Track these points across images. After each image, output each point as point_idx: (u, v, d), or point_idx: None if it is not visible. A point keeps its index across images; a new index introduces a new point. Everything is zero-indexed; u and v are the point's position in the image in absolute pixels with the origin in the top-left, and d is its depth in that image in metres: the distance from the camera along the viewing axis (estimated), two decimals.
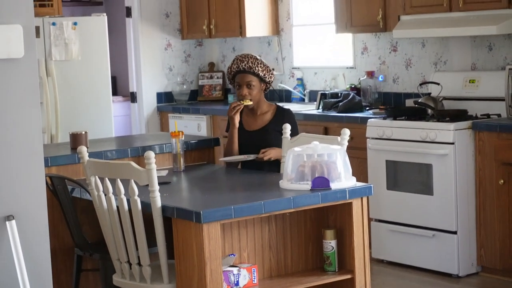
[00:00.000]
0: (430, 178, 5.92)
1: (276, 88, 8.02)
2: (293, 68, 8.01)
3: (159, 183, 4.05)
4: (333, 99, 7.01)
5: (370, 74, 7.11)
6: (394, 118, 6.22)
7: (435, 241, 5.94)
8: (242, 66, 5.23)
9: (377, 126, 6.24)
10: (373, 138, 6.26)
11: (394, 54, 7.07)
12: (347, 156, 4.27)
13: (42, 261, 3.72)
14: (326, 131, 6.68)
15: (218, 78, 8.66)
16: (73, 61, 7.80)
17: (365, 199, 4.27)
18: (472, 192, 5.86)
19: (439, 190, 5.87)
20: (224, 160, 5.18)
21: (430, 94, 6.47)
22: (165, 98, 8.62)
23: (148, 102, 8.55)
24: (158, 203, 4.00)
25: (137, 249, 4.16)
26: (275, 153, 5.10)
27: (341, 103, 6.81)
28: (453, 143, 5.79)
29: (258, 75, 5.23)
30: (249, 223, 4.19)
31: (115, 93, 10.01)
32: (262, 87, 5.29)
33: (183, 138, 5.10)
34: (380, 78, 7.12)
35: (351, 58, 7.44)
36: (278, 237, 4.30)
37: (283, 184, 4.24)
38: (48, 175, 4.54)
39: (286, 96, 7.98)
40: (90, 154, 4.46)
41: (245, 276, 4.04)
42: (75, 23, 7.82)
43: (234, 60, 5.28)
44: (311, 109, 7.18)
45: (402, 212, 6.14)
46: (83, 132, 5.27)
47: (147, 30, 8.49)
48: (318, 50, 7.84)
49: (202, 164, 5.34)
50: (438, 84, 6.40)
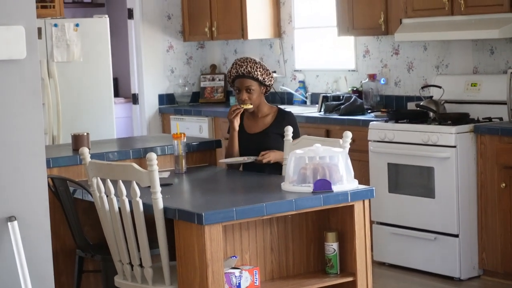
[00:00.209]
0: (432, 181, 5.91)
1: (278, 90, 8.02)
2: (295, 70, 8.00)
3: (161, 185, 4.05)
4: (335, 102, 7.01)
5: (372, 77, 7.11)
6: (396, 121, 6.22)
7: (437, 244, 5.94)
8: (241, 70, 5.20)
9: (379, 129, 6.24)
10: (375, 141, 6.26)
11: (396, 57, 7.07)
12: (349, 158, 4.27)
13: (43, 262, 3.72)
14: (328, 134, 6.68)
15: (219, 80, 8.66)
16: (75, 62, 7.81)
17: (366, 202, 4.26)
18: (473, 195, 5.85)
19: (441, 193, 5.87)
20: (224, 162, 5.18)
21: (432, 97, 6.47)
22: (167, 100, 8.62)
23: (150, 103, 8.55)
24: (160, 205, 4.00)
25: (138, 250, 4.16)
26: (275, 155, 5.09)
27: (343, 106, 6.81)
28: (454, 146, 5.79)
29: (257, 79, 5.21)
30: (251, 225, 4.19)
31: (117, 94, 10.02)
32: (262, 91, 5.27)
33: (185, 140, 5.09)
34: (382, 81, 7.12)
35: (353, 61, 7.44)
36: (280, 239, 4.29)
37: (285, 186, 4.24)
38: (50, 176, 4.55)
39: (288, 98, 7.98)
40: (92, 156, 4.45)
41: (247, 278, 4.04)
42: (77, 25, 7.83)
43: (233, 64, 5.25)
44: (313, 111, 7.18)
45: (403, 215, 6.13)
46: (85, 133, 5.27)
47: (149, 32, 8.50)
48: (320, 53, 7.83)
49: (204, 166, 5.34)
50: (440, 87, 6.40)
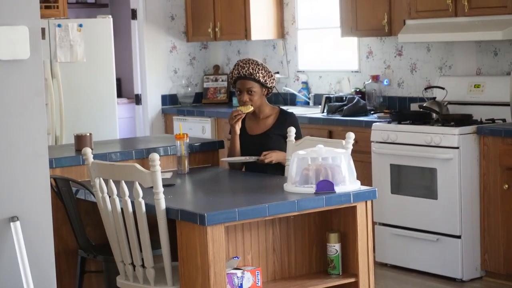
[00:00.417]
0: (435, 183, 5.91)
1: (281, 91, 8.02)
2: (298, 71, 8.01)
3: (164, 185, 4.05)
4: (337, 103, 7.01)
5: (375, 78, 7.11)
6: (399, 122, 6.22)
7: (439, 245, 5.94)
8: (242, 72, 5.20)
9: (381, 130, 6.24)
10: (377, 142, 6.26)
11: (399, 58, 7.07)
12: (352, 159, 4.27)
13: (46, 262, 3.72)
14: (330, 135, 6.68)
15: (222, 81, 8.67)
16: (78, 63, 7.81)
17: (369, 203, 4.27)
18: (476, 196, 5.85)
19: (443, 194, 5.87)
20: (225, 160, 5.18)
21: (435, 98, 6.47)
22: (169, 100, 8.62)
23: (152, 104, 8.56)
24: (162, 205, 4.00)
25: (141, 251, 4.16)
26: (276, 156, 5.09)
27: (345, 107, 6.81)
28: (457, 148, 5.78)
29: (259, 81, 5.20)
30: (253, 226, 4.19)
31: (120, 95, 10.02)
32: (264, 92, 5.25)
33: (188, 141, 5.10)
34: (385, 82, 7.12)
35: (356, 62, 7.44)
36: (282, 240, 4.29)
37: (287, 187, 4.24)
38: (52, 177, 4.55)
39: (291, 99, 7.98)
40: (95, 156, 4.46)
41: (249, 278, 4.04)
42: (81, 25, 7.83)
43: (235, 65, 5.24)
44: (316, 112, 7.18)
45: (406, 216, 6.13)
46: (88, 133, 5.28)
47: (152, 32, 8.50)
48: (323, 54, 7.83)
49: (206, 166, 5.34)
50: (443, 88, 6.40)
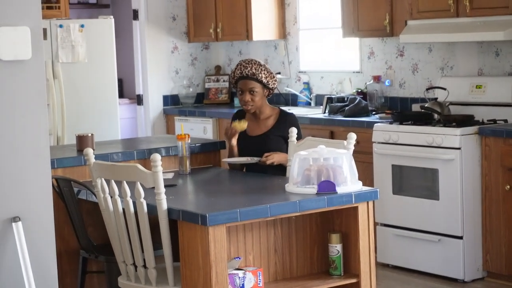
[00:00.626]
0: (436, 183, 5.91)
1: (282, 92, 8.02)
2: (299, 72, 8.00)
3: (165, 186, 4.05)
4: (339, 103, 7.01)
5: (377, 78, 7.10)
6: (400, 123, 6.22)
7: (441, 246, 5.93)
8: (245, 72, 5.20)
9: (383, 130, 6.24)
10: (379, 143, 6.26)
11: (400, 59, 7.07)
12: (353, 160, 4.27)
13: (47, 262, 3.73)
14: (332, 135, 6.68)
15: (224, 81, 8.67)
16: (79, 63, 7.81)
17: (371, 204, 4.27)
18: (478, 197, 5.85)
19: (445, 195, 5.87)
20: (227, 161, 5.17)
21: (436, 99, 6.46)
22: (171, 101, 8.62)
23: (154, 104, 8.56)
24: (164, 206, 4.00)
25: (142, 251, 4.16)
26: (278, 157, 5.09)
27: (347, 108, 6.81)
28: (459, 148, 5.78)
29: (261, 82, 5.20)
30: (254, 227, 4.19)
31: (122, 95, 10.03)
32: (265, 93, 5.26)
33: (189, 141, 5.10)
34: (386, 83, 7.12)
35: (358, 62, 7.44)
36: (284, 240, 4.29)
37: (289, 187, 4.24)
38: (54, 177, 4.55)
39: (292, 100, 7.98)
40: (96, 156, 4.46)
41: (250, 279, 4.04)
42: (82, 26, 7.83)
43: (237, 65, 5.25)
44: (317, 113, 7.18)
45: (407, 216, 6.13)
46: (89, 134, 5.28)
47: (154, 33, 8.50)
48: (325, 54, 7.83)
49: (208, 167, 5.34)
50: (445, 89, 6.40)
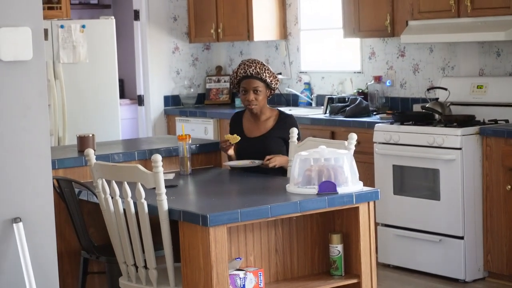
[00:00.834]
0: (437, 183, 5.91)
1: (283, 92, 8.02)
2: (300, 72, 8.00)
3: (166, 186, 4.06)
4: (340, 104, 7.01)
5: (378, 79, 7.10)
6: (401, 123, 6.22)
7: (442, 246, 5.93)
8: (249, 71, 5.20)
9: (384, 131, 6.24)
10: (380, 143, 6.26)
11: (401, 59, 7.07)
12: (354, 160, 4.27)
13: (48, 263, 3.73)
14: (333, 136, 6.68)
15: (225, 81, 8.67)
16: (81, 64, 7.82)
17: (371, 204, 4.27)
18: (479, 197, 5.85)
19: (446, 195, 5.86)
20: (228, 164, 5.17)
21: (437, 99, 6.46)
22: (172, 101, 8.62)
23: (155, 105, 8.56)
24: (165, 206, 4.01)
25: (143, 252, 4.17)
26: (280, 160, 5.08)
27: (348, 108, 6.81)
28: (460, 149, 5.78)
29: (265, 81, 5.21)
30: (255, 227, 4.19)
31: (123, 96, 10.02)
32: (267, 94, 5.27)
33: (190, 142, 5.10)
34: (387, 83, 7.12)
35: (359, 62, 7.44)
36: (285, 241, 4.29)
37: (290, 188, 4.24)
38: (55, 178, 4.55)
39: (293, 100, 7.98)
40: (97, 157, 4.46)
41: (251, 280, 4.04)
42: (83, 26, 7.84)
43: (240, 65, 5.25)
44: (318, 113, 7.17)
45: (408, 217, 6.13)
46: (90, 134, 5.28)
47: (155, 33, 8.50)
48: (326, 55, 7.83)
49: (208, 167, 5.34)
50: (446, 89, 6.40)
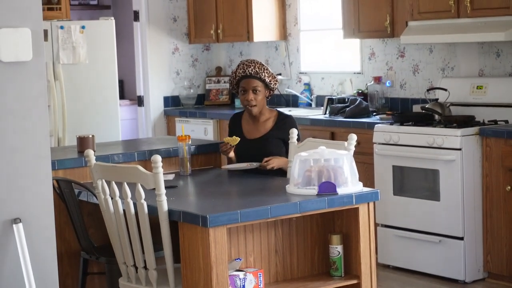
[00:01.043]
0: (437, 184, 5.91)
1: (283, 93, 8.02)
2: (300, 73, 8.00)
3: (166, 187, 4.05)
4: (340, 104, 7.01)
5: (377, 79, 7.10)
6: (401, 124, 6.22)
7: (442, 247, 5.93)
8: (248, 71, 5.20)
9: (384, 131, 6.24)
10: (380, 144, 6.26)
11: (401, 59, 7.07)
12: (354, 161, 4.27)
13: (48, 264, 3.72)
14: (333, 136, 6.68)
15: (225, 82, 8.67)
16: (80, 64, 7.82)
17: (371, 204, 4.27)
18: (479, 198, 5.85)
19: (446, 196, 5.86)
20: (227, 168, 5.16)
21: (437, 100, 6.46)
22: (172, 102, 8.62)
23: (155, 106, 8.56)
24: (165, 207, 4.00)
25: (143, 252, 4.16)
26: (278, 162, 5.07)
27: (348, 108, 6.81)
28: (460, 149, 5.78)
29: (264, 81, 5.21)
30: (255, 228, 4.19)
31: (122, 96, 10.02)
32: (266, 94, 5.27)
33: (190, 142, 5.10)
34: (387, 84, 7.12)
35: (359, 63, 7.44)
36: (285, 241, 4.29)
37: (290, 188, 4.24)
38: (55, 178, 4.55)
39: (293, 101, 7.98)
40: (97, 158, 4.46)
41: (251, 280, 4.04)
42: (83, 27, 7.84)
43: (239, 65, 5.25)
44: (318, 114, 7.17)
45: (408, 217, 6.13)
46: (90, 135, 5.28)
47: (155, 34, 8.50)
48: (326, 55, 7.83)
49: (208, 168, 5.34)
50: (446, 90, 6.40)
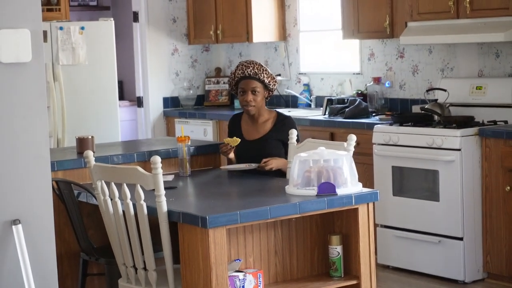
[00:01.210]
0: (436, 184, 5.91)
1: (282, 93, 8.02)
2: (299, 73, 8.00)
3: (165, 188, 4.05)
4: (339, 105, 7.01)
5: (377, 80, 7.10)
6: (401, 124, 6.22)
7: (441, 247, 5.93)
8: (247, 71, 5.20)
9: (383, 132, 6.24)
10: (379, 144, 6.26)
11: (401, 60, 7.07)
12: (353, 161, 4.27)
13: (48, 265, 3.72)
14: (332, 137, 6.68)
15: (224, 83, 8.67)
16: (80, 65, 7.81)
17: (371, 205, 4.27)
18: (478, 198, 5.85)
19: (445, 196, 5.86)
20: (225, 168, 5.16)
21: (436, 100, 6.47)
22: (171, 103, 8.62)
23: (154, 107, 8.56)
24: (164, 208, 4.00)
25: (142, 253, 4.16)
26: (277, 163, 5.07)
27: (347, 109, 6.81)
28: (459, 150, 5.78)
29: (263, 82, 5.21)
30: (255, 228, 4.19)
31: (122, 97, 10.02)
32: (265, 95, 5.27)
33: (189, 143, 5.10)
34: (386, 84, 7.12)
35: (358, 64, 7.44)
36: (284, 242, 4.29)
37: (289, 189, 4.24)
38: (54, 179, 4.55)
39: (293, 101, 7.98)
40: (97, 159, 4.46)
41: (250, 281, 4.04)
42: (83, 28, 7.83)
43: (238, 66, 5.25)
44: (318, 114, 7.17)
45: (408, 218, 6.13)
46: (90, 136, 5.28)
47: (154, 35, 8.50)
48: (325, 56, 7.83)
49: (208, 169, 5.34)
50: (445, 90, 6.40)
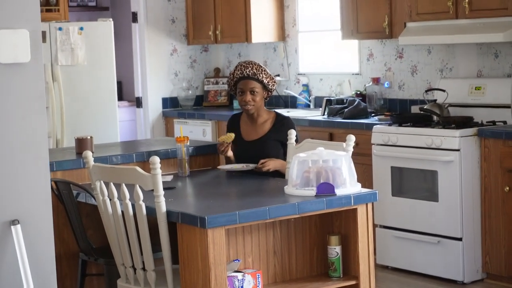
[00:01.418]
0: (435, 185, 5.91)
1: (281, 94, 8.03)
2: (298, 74, 8.01)
3: (164, 188, 4.05)
4: (338, 105, 7.01)
5: (376, 80, 7.10)
6: (400, 125, 6.22)
7: (440, 247, 5.93)
8: (246, 72, 5.21)
9: (382, 132, 6.24)
10: (378, 145, 6.26)
11: (400, 60, 7.07)
12: (352, 162, 4.27)
13: (47, 265, 3.72)
14: (331, 137, 6.68)
15: (223, 83, 8.67)
16: (79, 66, 7.81)
17: (370, 205, 4.27)
18: (477, 199, 5.85)
19: (444, 196, 5.87)
20: (223, 168, 5.16)
21: (435, 100, 6.47)
22: (170, 103, 8.62)
23: (153, 107, 8.56)
24: (163, 208, 4.00)
25: (141, 254, 4.16)
26: (274, 164, 5.07)
27: (346, 109, 6.81)
28: (458, 150, 5.78)
29: (262, 82, 5.22)
30: (253, 229, 4.19)
31: (121, 98, 10.02)
32: (264, 95, 5.27)
33: (188, 143, 5.10)
34: (385, 85, 7.12)
35: (357, 64, 7.44)
36: (283, 242, 4.29)
37: (288, 189, 4.24)
38: (53, 180, 4.55)
39: (292, 102, 7.98)
40: (95, 159, 4.46)
41: (249, 281, 4.04)
42: (81, 28, 7.83)
43: (237, 66, 5.25)
44: (317, 115, 7.18)
45: (407, 218, 6.13)
46: (89, 137, 5.28)
47: (153, 35, 8.50)
48: (324, 56, 7.83)
49: (207, 169, 5.34)
50: (444, 91, 6.40)
